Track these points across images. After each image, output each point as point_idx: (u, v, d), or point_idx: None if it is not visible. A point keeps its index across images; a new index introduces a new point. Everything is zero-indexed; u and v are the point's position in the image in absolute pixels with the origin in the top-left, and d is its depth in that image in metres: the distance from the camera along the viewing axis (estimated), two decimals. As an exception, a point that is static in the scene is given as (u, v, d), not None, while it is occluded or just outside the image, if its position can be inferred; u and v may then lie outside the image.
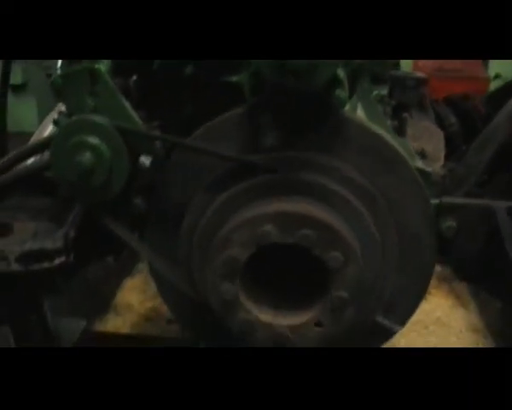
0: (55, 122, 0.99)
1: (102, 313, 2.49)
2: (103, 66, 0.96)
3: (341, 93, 0.85)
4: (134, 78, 1.11)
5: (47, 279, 1.11)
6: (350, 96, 0.98)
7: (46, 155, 1.15)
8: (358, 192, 0.93)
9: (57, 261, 1.06)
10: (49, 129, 2.75)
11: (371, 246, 0.93)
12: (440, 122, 3.36)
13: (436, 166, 3.26)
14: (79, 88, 0.95)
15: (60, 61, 1.00)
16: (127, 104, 0.97)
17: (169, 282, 1.05)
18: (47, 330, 1.30)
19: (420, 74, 2.29)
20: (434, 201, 1.06)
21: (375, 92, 1.82)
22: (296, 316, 0.94)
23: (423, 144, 3.25)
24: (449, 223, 1.05)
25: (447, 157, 3.18)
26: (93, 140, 0.93)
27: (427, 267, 1.05)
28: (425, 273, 1.05)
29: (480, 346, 1.98)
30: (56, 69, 0.99)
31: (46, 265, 1.05)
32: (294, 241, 0.87)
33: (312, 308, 0.93)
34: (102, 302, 2.53)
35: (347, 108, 0.94)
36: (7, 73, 1.59)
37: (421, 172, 1.05)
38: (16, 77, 3.28)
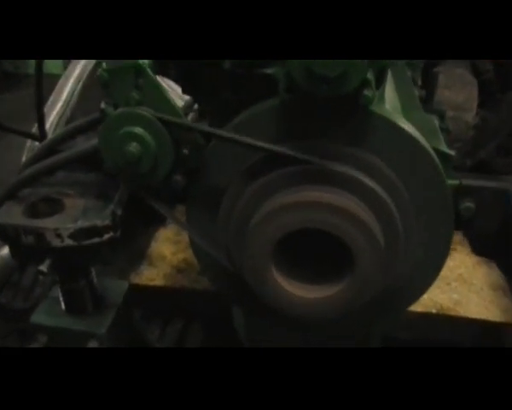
0: (102, 111, 1.06)
1: (137, 264, 2.61)
2: (147, 60, 1.03)
3: (369, 93, 0.92)
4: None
5: (95, 252, 1.22)
6: (379, 86, 1.03)
7: (93, 136, 1.24)
8: (383, 182, 1.01)
9: (105, 237, 1.17)
10: (74, 76, 2.81)
11: (393, 233, 1.01)
12: (475, 68, 3.31)
13: (468, 116, 3.26)
14: (125, 82, 1.02)
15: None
16: (170, 96, 1.04)
17: (206, 252, 1.14)
18: (94, 292, 1.42)
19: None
20: (454, 182, 1.11)
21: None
22: (322, 291, 1.02)
23: (456, 93, 3.24)
24: (467, 204, 1.12)
25: (481, 105, 3.16)
26: (139, 131, 1.02)
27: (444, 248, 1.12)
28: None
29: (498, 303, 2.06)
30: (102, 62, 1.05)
31: (96, 240, 1.16)
32: (326, 229, 0.95)
33: (338, 284, 1.01)
34: (138, 254, 2.65)
35: (375, 100, 0.99)
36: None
37: (443, 154, 1.10)
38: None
